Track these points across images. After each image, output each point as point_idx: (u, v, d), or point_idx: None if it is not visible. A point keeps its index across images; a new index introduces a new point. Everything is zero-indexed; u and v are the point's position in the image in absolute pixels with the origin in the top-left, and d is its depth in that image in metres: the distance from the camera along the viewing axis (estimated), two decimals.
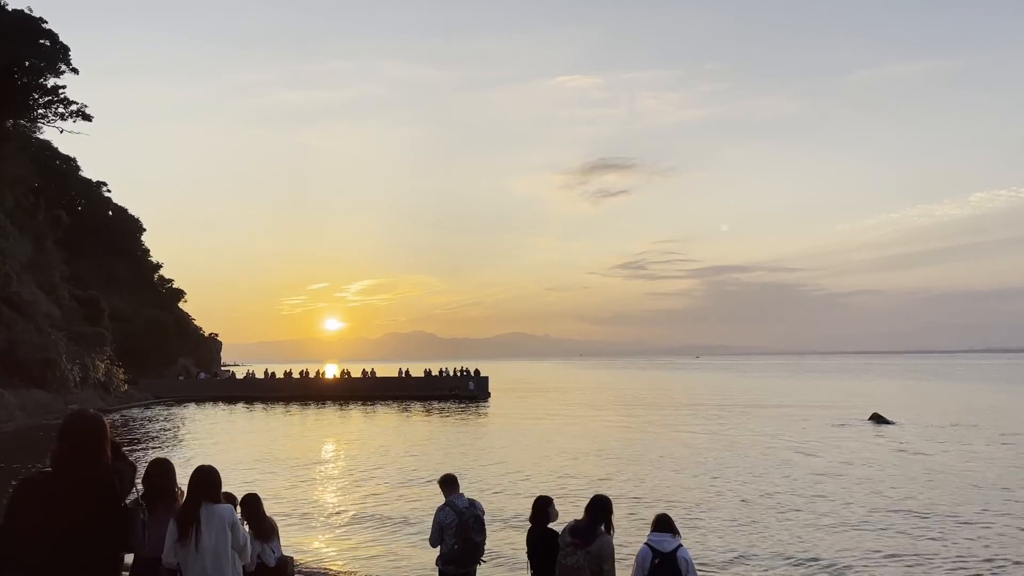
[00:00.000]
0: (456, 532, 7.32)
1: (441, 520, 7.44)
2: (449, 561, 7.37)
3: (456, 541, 7.28)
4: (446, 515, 7.42)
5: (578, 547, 6.24)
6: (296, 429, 42.46)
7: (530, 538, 7.06)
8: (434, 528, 7.54)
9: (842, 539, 15.07)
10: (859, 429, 36.03)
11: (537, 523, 7.03)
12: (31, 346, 46.64)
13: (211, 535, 5.42)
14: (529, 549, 7.05)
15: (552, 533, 6.87)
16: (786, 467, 24.42)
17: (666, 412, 48.58)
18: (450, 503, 7.48)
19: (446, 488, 7.67)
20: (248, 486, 22.36)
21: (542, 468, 24.50)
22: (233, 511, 5.69)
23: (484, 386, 67.65)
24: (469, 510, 7.39)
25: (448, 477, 7.79)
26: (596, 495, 6.68)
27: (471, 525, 7.35)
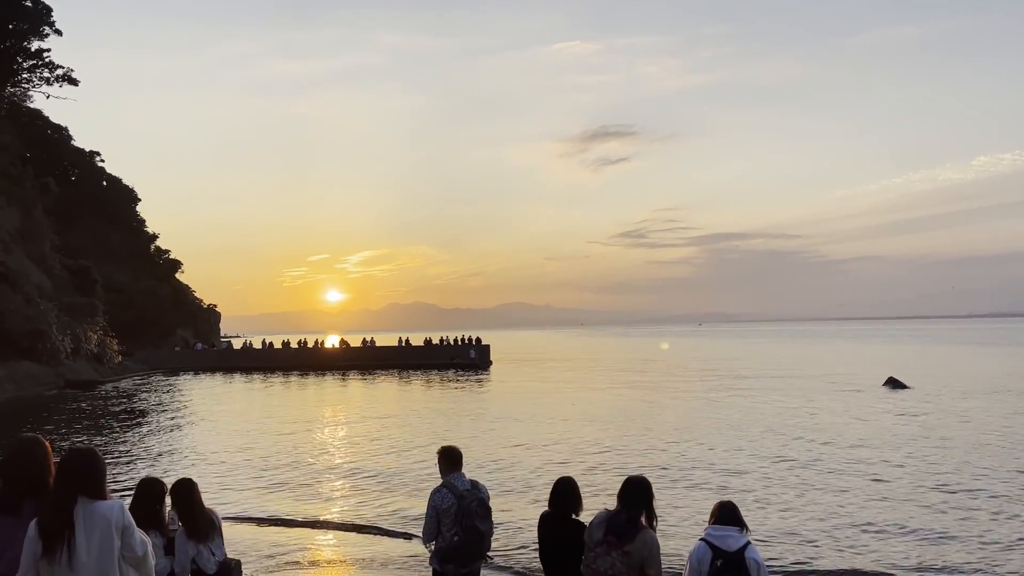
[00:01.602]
0: (456, 519, 5.88)
1: (437, 504, 5.98)
2: (448, 556, 5.93)
3: (456, 531, 5.86)
4: (443, 498, 5.97)
5: (613, 546, 4.81)
6: (293, 399, 41.30)
7: (546, 530, 5.59)
8: (429, 516, 6.04)
9: (886, 512, 13.79)
10: (876, 394, 34.79)
11: (557, 511, 5.57)
12: (20, 317, 45.27)
13: (91, 545, 3.89)
14: (543, 545, 5.62)
15: (576, 526, 5.44)
16: (810, 434, 23.13)
17: (676, 380, 47.39)
18: (448, 484, 6.02)
19: (445, 464, 6.14)
20: (237, 456, 21.41)
21: (549, 439, 23.23)
22: (123, 510, 4.09)
23: (485, 355, 66.51)
24: (471, 492, 5.95)
25: (449, 451, 6.19)
26: (631, 477, 5.20)
27: (475, 510, 5.89)
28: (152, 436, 26.03)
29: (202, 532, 5.38)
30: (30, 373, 44.75)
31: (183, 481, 5.63)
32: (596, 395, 37.89)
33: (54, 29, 57.58)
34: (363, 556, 11.72)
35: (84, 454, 4.15)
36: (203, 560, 5.34)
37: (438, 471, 6.20)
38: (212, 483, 17.42)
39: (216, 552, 5.46)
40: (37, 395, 41.68)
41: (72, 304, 53.99)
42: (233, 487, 16.89)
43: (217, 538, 5.51)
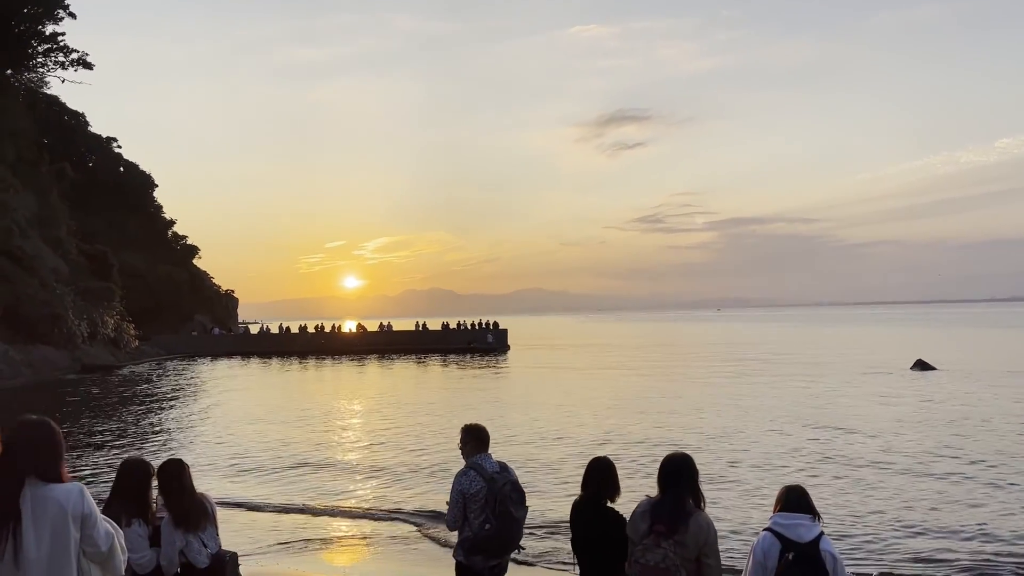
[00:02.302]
0: (485, 505, 5.15)
1: (464, 488, 5.22)
2: (476, 547, 5.19)
3: (486, 518, 5.13)
4: (471, 481, 5.21)
5: (663, 535, 4.11)
6: (310, 383, 40.94)
7: (579, 519, 4.90)
8: (454, 501, 5.29)
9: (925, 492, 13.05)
10: (906, 377, 33.87)
11: (591, 497, 4.86)
12: (36, 301, 45.16)
13: (41, 538, 3.19)
14: (576, 536, 4.91)
15: (612, 516, 4.75)
16: (842, 418, 22.35)
17: (700, 364, 46.62)
18: (475, 465, 5.27)
19: (472, 443, 5.39)
20: (249, 440, 20.93)
21: (574, 422, 22.58)
22: (83, 495, 3.33)
23: (503, 339, 65.96)
24: (502, 475, 5.23)
25: (477, 428, 5.45)
26: (671, 455, 4.47)
27: (508, 494, 5.15)
28: (163, 420, 25.65)
29: (192, 520, 4.67)
30: (47, 357, 44.66)
31: (171, 462, 4.91)
32: (618, 379, 37.22)
33: (68, 12, 57.20)
34: (371, 540, 11.15)
35: (34, 425, 3.40)
36: (193, 552, 4.66)
37: (461, 453, 5.45)
38: (222, 468, 16.94)
39: (208, 543, 4.77)
40: (54, 379, 41.56)
41: (89, 288, 53.86)
42: (244, 472, 16.39)
43: (210, 527, 4.80)
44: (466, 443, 5.41)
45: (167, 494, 4.71)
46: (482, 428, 5.45)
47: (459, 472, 5.36)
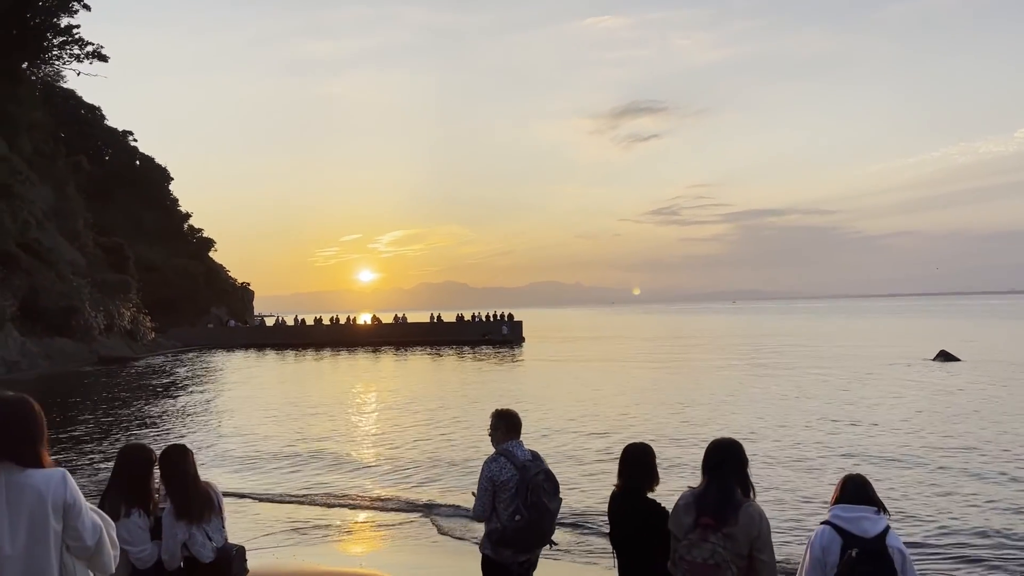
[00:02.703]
0: (516, 495, 4.77)
1: (494, 475, 4.85)
2: (505, 540, 4.82)
3: (516, 508, 4.75)
4: (501, 469, 4.84)
5: (710, 529, 3.75)
6: (325, 374, 40.82)
7: (616, 510, 4.54)
8: (483, 489, 4.90)
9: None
10: (929, 368, 33.26)
11: (630, 487, 4.46)
12: (53, 294, 45.30)
13: (17, 530, 2.86)
14: (614, 529, 4.55)
15: (651, 507, 4.39)
16: (868, 411, 21.89)
17: (718, 356, 46.14)
18: (505, 452, 4.89)
19: (504, 429, 5.01)
20: (268, 429, 20.74)
21: (597, 412, 22.23)
22: (65, 482, 2.99)
23: (518, 331, 65.56)
24: (534, 463, 4.87)
25: (509, 414, 5.07)
26: (716, 441, 4.09)
27: (541, 484, 4.79)
28: (177, 410, 25.54)
29: (195, 511, 4.34)
30: (64, 349, 44.82)
31: (173, 448, 4.58)
32: (636, 371, 36.81)
33: (83, 4, 57.21)
34: (388, 531, 10.89)
35: (9, 403, 3.06)
36: (196, 545, 4.34)
37: (490, 439, 5.08)
38: (237, 458, 16.75)
39: (214, 536, 4.43)
40: (71, 371, 41.66)
41: (105, 281, 54.03)
42: (258, 462, 16.18)
43: (215, 519, 4.48)
44: (496, 428, 5.04)
45: (169, 483, 4.40)
46: (514, 413, 5.09)
47: (488, 458, 4.98)
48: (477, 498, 4.96)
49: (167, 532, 4.29)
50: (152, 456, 4.43)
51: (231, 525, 10.93)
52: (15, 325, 41.21)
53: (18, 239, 44.75)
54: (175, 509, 4.31)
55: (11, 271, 42.13)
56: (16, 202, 45.75)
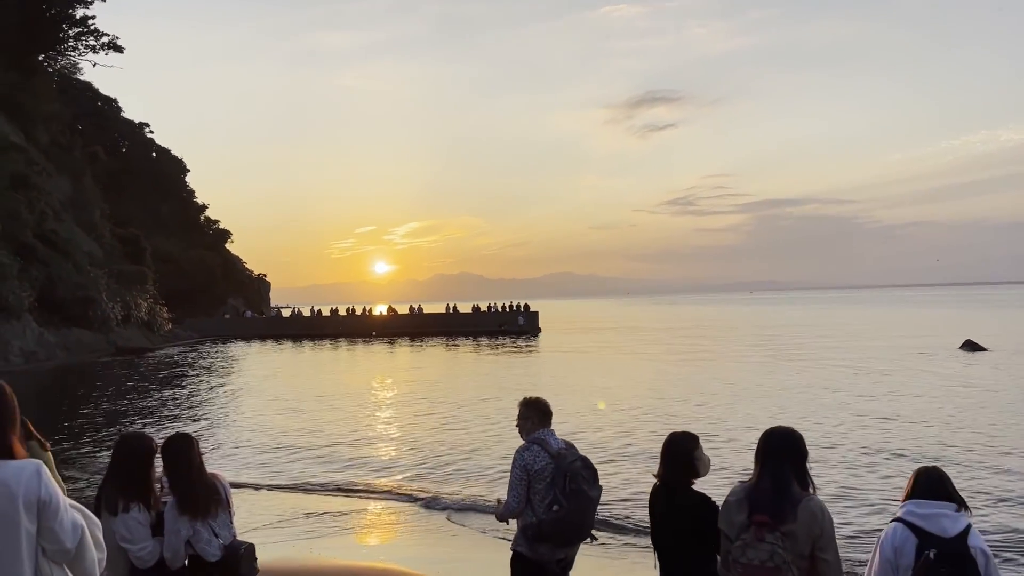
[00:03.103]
0: (552, 484, 4.39)
1: (528, 464, 4.44)
2: (543, 534, 4.39)
3: (554, 498, 4.36)
4: (535, 457, 4.46)
5: (767, 527, 3.33)
6: (342, 365, 40.63)
7: (657, 505, 4.06)
8: (516, 479, 4.47)
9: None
10: (956, 358, 32.58)
11: (673, 480, 3.98)
12: (70, 284, 45.33)
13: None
14: (655, 526, 4.10)
15: (701, 502, 3.92)
16: (897, 402, 21.36)
17: (739, 347, 45.55)
18: (538, 440, 4.51)
19: (536, 417, 4.61)
20: (284, 420, 20.47)
21: (614, 402, 21.80)
22: (39, 475, 2.63)
23: (534, 321, 65.16)
24: (570, 451, 4.52)
25: (537, 402, 4.69)
26: (773, 429, 3.64)
27: (579, 471, 4.40)
28: (192, 400, 25.37)
29: (200, 506, 3.96)
30: (81, 340, 44.88)
31: (177, 437, 4.13)
32: (655, 361, 36.34)
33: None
34: (405, 524, 10.54)
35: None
36: (202, 542, 3.96)
37: (519, 430, 4.69)
38: (254, 447, 16.48)
39: (220, 532, 4.04)
40: (88, 361, 41.69)
41: (122, 272, 54.08)
42: (273, 453, 15.90)
43: (222, 514, 4.08)
44: (526, 418, 4.64)
45: (172, 474, 4.01)
46: (544, 401, 4.70)
47: (520, 447, 4.56)
48: (510, 490, 4.52)
49: (169, 528, 3.91)
50: (153, 445, 4.06)
51: (246, 516, 10.63)
52: (33, 316, 41.28)
53: (35, 230, 44.78)
54: (178, 503, 3.93)
55: (28, 262, 42.17)
56: (33, 193, 45.76)
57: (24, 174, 45.65)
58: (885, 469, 12.87)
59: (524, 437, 4.62)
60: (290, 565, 8.18)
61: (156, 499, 3.99)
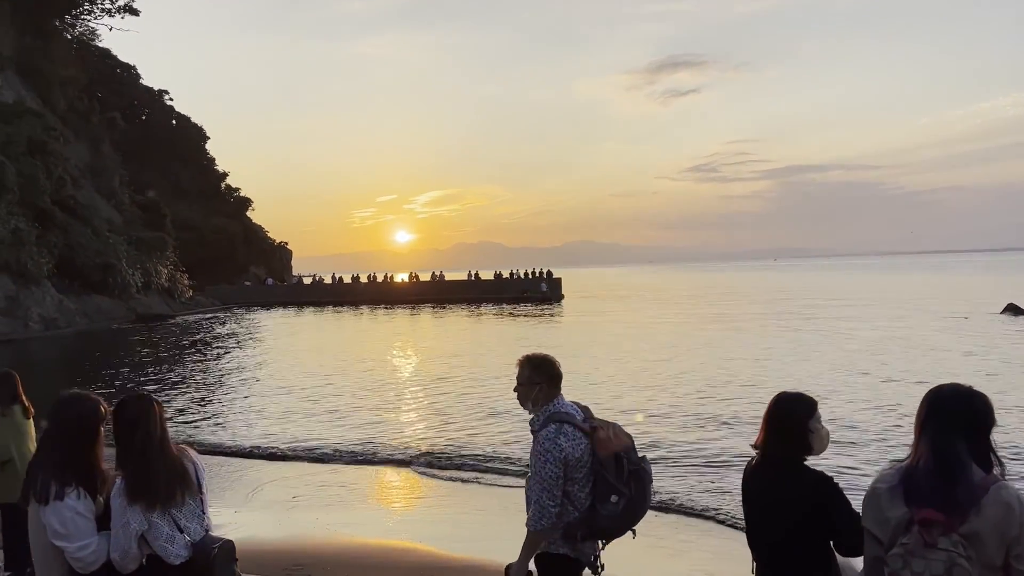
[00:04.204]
0: (592, 472, 3.43)
1: (568, 453, 3.40)
2: (597, 531, 3.48)
3: (610, 488, 3.42)
4: (573, 442, 3.42)
5: (938, 527, 2.32)
6: (364, 331, 40.00)
7: (755, 489, 3.05)
8: (550, 478, 3.39)
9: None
10: (998, 322, 31.26)
11: (775, 454, 2.97)
12: (90, 251, 44.92)
13: None
14: (751, 515, 3.08)
15: (821, 484, 2.88)
16: (942, 367, 20.24)
17: (769, 313, 44.34)
18: (565, 417, 3.47)
19: (542, 384, 3.53)
20: (302, 385, 19.74)
21: (648, 368, 20.86)
22: None
23: (557, 288, 64.28)
24: (598, 421, 3.55)
25: (544, 361, 3.58)
26: (939, 388, 2.57)
27: (632, 447, 3.47)
28: (209, 365, 24.77)
29: (158, 491, 3.00)
30: (101, 307, 44.58)
31: (132, 399, 3.15)
32: (686, 327, 35.30)
33: None
34: (422, 498, 9.73)
35: None
36: (160, 539, 2.99)
37: (521, 398, 3.59)
38: (267, 415, 15.75)
39: (188, 526, 3.09)
40: (107, 328, 41.38)
41: (142, 239, 53.66)
42: (288, 419, 15.15)
43: (191, 502, 3.12)
44: (533, 383, 3.55)
45: (124, 448, 3.05)
46: (553, 361, 3.62)
47: (546, 432, 3.44)
48: (543, 491, 3.40)
49: (117, 519, 2.98)
50: (99, 410, 3.11)
51: (256, 488, 9.84)
52: (52, 282, 40.95)
53: (54, 196, 44.27)
54: (128, 487, 2.99)
55: (47, 228, 41.74)
56: (50, 159, 45.17)
57: (41, 139, 45.04)
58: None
59: (532, 409, 3.56)
60: (306, 544, 7.40)
61: (104, 481, 3.08)
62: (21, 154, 42.18)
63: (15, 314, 37.30)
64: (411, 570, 6.44)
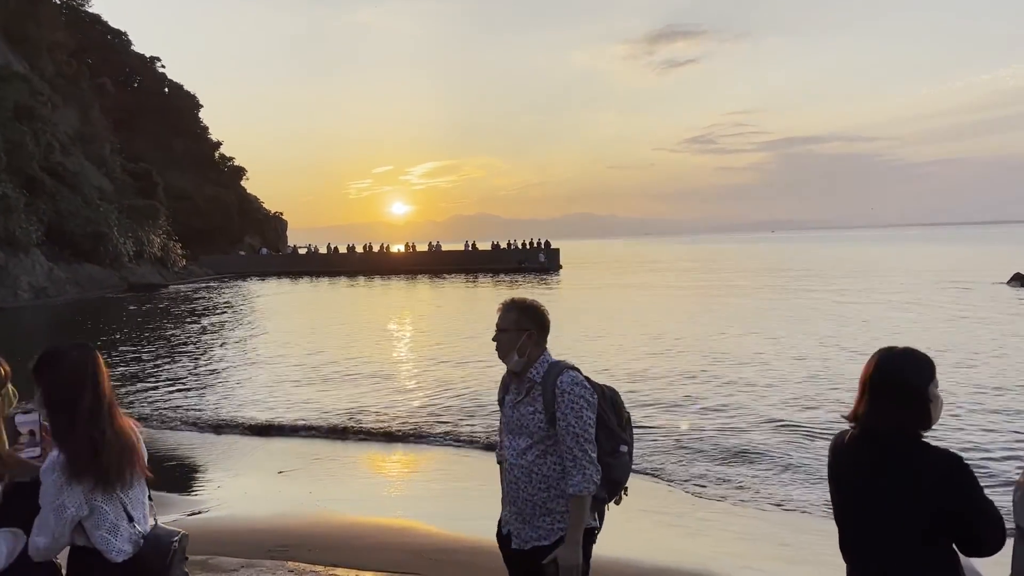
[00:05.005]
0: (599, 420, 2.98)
1: (593, 402, 2.93)
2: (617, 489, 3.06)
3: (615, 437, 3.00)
4: (590, 391, 2.96)
5: None
6: (359, 301, 39.37)
7: (860, 471, 2.34)
8: (590, 424, 2.90)
9: None
10: (1006, 292, 30.69)
11: (877, 426, 2.30)
12: (80, 219, 44.08)
13: None
14: (840, 495, 2.44)
15: (953, 467, 2.20)
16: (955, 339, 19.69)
17: (769, 282, 43.78)
18: (569, 366, 3.01)
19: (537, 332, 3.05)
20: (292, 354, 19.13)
21: (653, 337, 20.26)
22: None
23: (555, 258, 63.66)
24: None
25: (536, 309, 3.12)
26: None
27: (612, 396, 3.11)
28: (201, 335, 24.14)
29: (109, 467, 2.41)
30: (93, 276, 43.85)
31: (69, 353, 2.49)
32: (687, 297, 34.72)
33: None
34: (421, 472, 9.16)
35: None
36: (103, 528, 2.40)
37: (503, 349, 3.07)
38: (255, 385, 15.14)
39: (135, 514, 2.49)
40: (99, 297, 40.69)
41: (134, 207, 52.78)
42: (277, 389, 14.54)
43: (137, 484, 2.53)
44: (521, 328, 3.03)
45: (64, 412, 2.39)
46: (543, 308, 3.15)
47: (571, 376, 2.94)
48: (586, 445, 2.87)
49: (48, 500, 2.34)
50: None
51: (243, 461, 9.24)
52: (41, 251, 40.16)
53: (42, 163, 43.35)
54: (69, 460, 2.35)
55: (36, 195, 40.88)
56: (38, 124, 44.18)
57: (28, 105, 44.01)
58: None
59: (515, 361, 3.01)
60: (292, 522, 6.80)
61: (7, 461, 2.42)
62: (8, 119, 41.20)
63: (4, 283, 36.59)
64: (410, 553, 5.84)
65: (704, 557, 5.90)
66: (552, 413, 2.91)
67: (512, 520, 3.07)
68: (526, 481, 2.99)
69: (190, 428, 11.44)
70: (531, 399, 2.99)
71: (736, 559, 5.93)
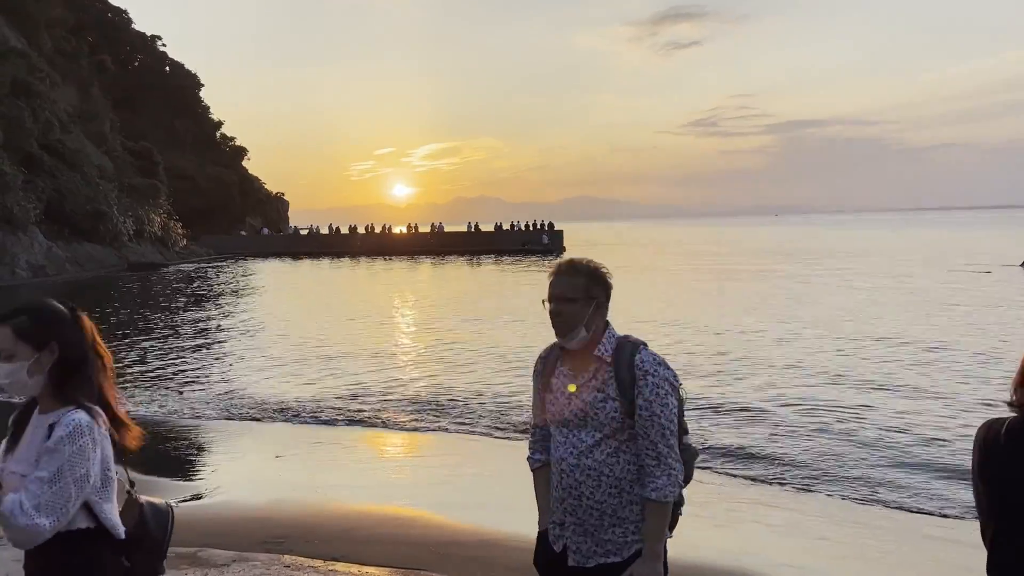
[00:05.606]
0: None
1: (676, 385, 2.41)
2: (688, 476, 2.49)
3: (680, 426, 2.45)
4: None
5: None
6: (361, 281, 38.90)
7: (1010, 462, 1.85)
8: (673, 409, 2.36)
9: None
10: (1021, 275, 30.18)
11: None
12: (79, 197, 43.51)
13: None
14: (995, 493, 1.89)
15: None
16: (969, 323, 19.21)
17: (777, 266, 43.25)
18: (639, 341, 2.48)
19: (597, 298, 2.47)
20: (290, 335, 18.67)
21: (670, 318, 19.76)
22: None
23: (558, 240, 63.09)
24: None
25: (604, 273, 2.56)
26: None
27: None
28: (200, 316, 23.68)
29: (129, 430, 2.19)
30: (92, 255, 43.37)
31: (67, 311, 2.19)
32: (696, 280, 34.21)
33: None
34: (424, 460, 8.69)
35: None
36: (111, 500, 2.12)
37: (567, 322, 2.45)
38: (251, 368, 14.67)
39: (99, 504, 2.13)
40: (98, 276, 40.24)
41: (134, 186, 52.20)
42: (275, 371, 14.07)
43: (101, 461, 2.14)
44: (590, 297, 2.48)
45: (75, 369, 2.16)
46: (611, 275, 2.62)
47: (650, 357, 2.41)
48: (671, 439, 2.37)
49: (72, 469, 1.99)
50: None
51: (240, 445, 8.76)
52: (40, 229, 39.65)
53: (41, 140, 42.73)
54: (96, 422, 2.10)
55: (34, 173, 40.29)
56: (37, 101, 43.51)
57: (26, 81, 43.32)
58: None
59: (581, 336, 2.45)
60: (290, 511, 6.32)
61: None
62: (5, 96, 40.56)
63: (1, 261, 36.11)
64: (416, 546, 5.36)
65: (736, 553, 5.42)
66: (631, 400, 2.36)
67: (570, 532, 2.48)
68: (593, 485, 2.41)
69: (185, 409, 10.98)
70: (599, 383, 2.40)
71: (772, 554, 5.45)
